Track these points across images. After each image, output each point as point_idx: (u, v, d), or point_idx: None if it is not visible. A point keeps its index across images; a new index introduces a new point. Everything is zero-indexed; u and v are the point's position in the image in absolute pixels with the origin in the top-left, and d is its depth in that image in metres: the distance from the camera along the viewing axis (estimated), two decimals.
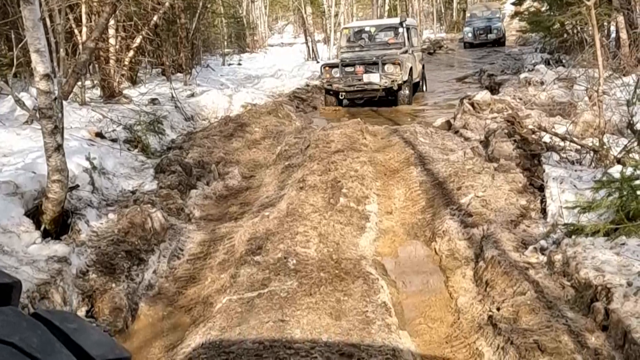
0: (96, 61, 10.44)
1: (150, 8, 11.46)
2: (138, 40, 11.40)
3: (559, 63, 13.25)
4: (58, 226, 4.58)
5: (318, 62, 18.04)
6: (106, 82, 10.07)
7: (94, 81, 10.61)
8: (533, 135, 6.99)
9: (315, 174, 6.16)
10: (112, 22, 10.14)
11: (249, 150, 8.31)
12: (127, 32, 11.26)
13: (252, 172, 7.40)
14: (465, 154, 6.66)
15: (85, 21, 9.62)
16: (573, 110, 8.15)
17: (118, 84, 10.28)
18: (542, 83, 10.57)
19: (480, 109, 9.10)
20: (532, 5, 17.93)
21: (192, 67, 14.14)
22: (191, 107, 10.79)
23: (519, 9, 19.79)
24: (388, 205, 5.82)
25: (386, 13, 24.49)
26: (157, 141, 8.39)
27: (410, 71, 12.26)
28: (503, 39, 25.50)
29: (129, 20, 10.99)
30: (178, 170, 6.65)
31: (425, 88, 14.49)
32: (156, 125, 8.60)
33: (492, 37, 25.34)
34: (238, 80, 15.92)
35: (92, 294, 3.99)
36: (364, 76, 11.88)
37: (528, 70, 13.23)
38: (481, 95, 9.51)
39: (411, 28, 13.67)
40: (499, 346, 3.13)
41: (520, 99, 9.77)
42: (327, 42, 22.36)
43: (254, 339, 3.25)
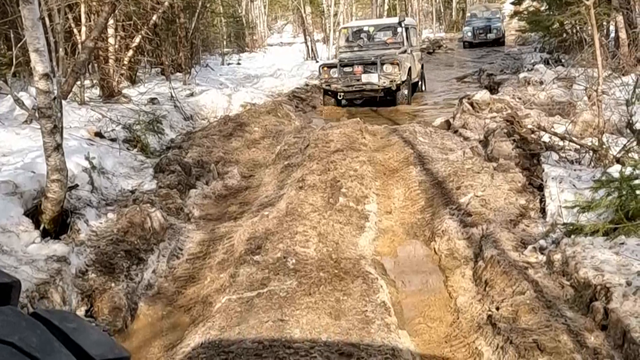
0: (95, 61, 10.44)
1: (149, 7, 11.45)
2: (137, 39, 11.39)
3: (558, 62, 13.25)
4: (57, 226, 4.58)
5: (317, 62, 18.03)
6: (105, 82, 10.06)
7: (93, 81, 10.60)
8: (532, 134, 6.99)
9: (314, 174, 6.15)
10: (112, 22, 10.13)
11: (249, 149, 8.31)
12: (127, 32, 11.26)
13: (252, 172, 7.40)
14: (464, 154, 6.67)
15: (84, 21, 9.61)
16: (572, 109, 8.16)
17: (117, 84, 10.27)
18: (542, 82, 10.56)
19: (479, 109, 9.10)
20: (532, 4, 17.92)
21: (192, 67, 14.13)
22: (190, 107, 10.78)
23: (518, 9, 19.78)
24: (387, 204, 5.82)
25: (385, 12, 24.48)
26: (157, 141, 8.39)
27: (409, 71, 12.22)
28: (502, 39, 25.53)
29: (128, 19, 10.99)
30: (177, 169, 6.65)
31: (424, 87, 14.47)
32: (155, 124, 8.60)
33: (492, 37, 25.37)
34: (237, 79, 15.91)
35: (92, 294, 3.99)
36: (363, 76, 11.82)
37: (527, 69, 13.23)
38: (480, 94, 9.51)
39: (410, 28, 13.64)
40: (498, 346, 3.13)
41: (519, 99, 9.77)
42: (327, 42, 22.35)
43: (254, 339, 3.25)
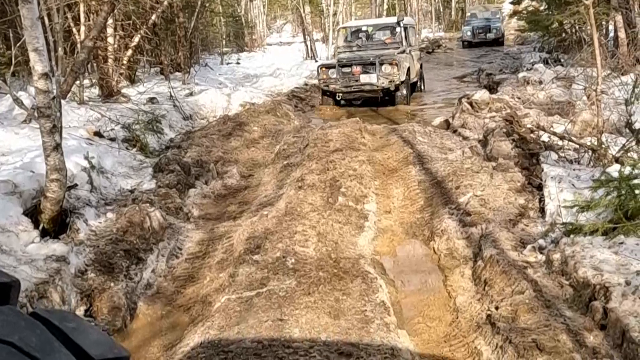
0: (94, 60, 10.44)
1: (148, 7, 11.46)
2: (136, 39, 11.38)
3: (558, 62, 13.26)
4: (56, 225, 4.58)
5: (317, 61, 18.04)
6: (104, 81, 10.06)
7: (93, 80, 10.60)
8: (531, 134, 7.00)
9: (313, 173, 6.15)
10: (111, 21, 10.13)
11: (248, 149, 8.31)
12: (126, 31, 11.25)
13: (251, 171, 7.39)
14: (463, 153, 6.67)
15: (83, 20, 9.60)
16: (571, 109, 8.16)
17: (116, 83, 10.27)
18: (541, 82, 10.57)
19: (478, 108, 9.10)
20: (531, 4, 17.93)
21: (191, 66, 14.13)
22: (190, 106, 10.78)
23: (518, 8, 19.79)
24: (387, 204, 5.82)
25: (385, 12, 24.50)
26: (156, 140, 8.38)
27: (407, 71, 12.20)
28: (502, 39, 25.55)
29: (128, 19, 10.98)
30: (176, 169, 6.65)
31: (423, 87, 14.45)
32: (154, 124, 8.60)
33: (491, 37, 25.39)
34: (236, 79, 15.90)
35: (91, 293, 3.99)
36: (361, 77, 11.77)
37: (526, 69, 13.23)
38: (480, 94, 9.51)
39: (409, 27, 13.61)
40: (498, 345, 3.13)
41: (518, 98, 9.77)
42: (326, 41, 22.37)
43: (253, 338, 3.25)
